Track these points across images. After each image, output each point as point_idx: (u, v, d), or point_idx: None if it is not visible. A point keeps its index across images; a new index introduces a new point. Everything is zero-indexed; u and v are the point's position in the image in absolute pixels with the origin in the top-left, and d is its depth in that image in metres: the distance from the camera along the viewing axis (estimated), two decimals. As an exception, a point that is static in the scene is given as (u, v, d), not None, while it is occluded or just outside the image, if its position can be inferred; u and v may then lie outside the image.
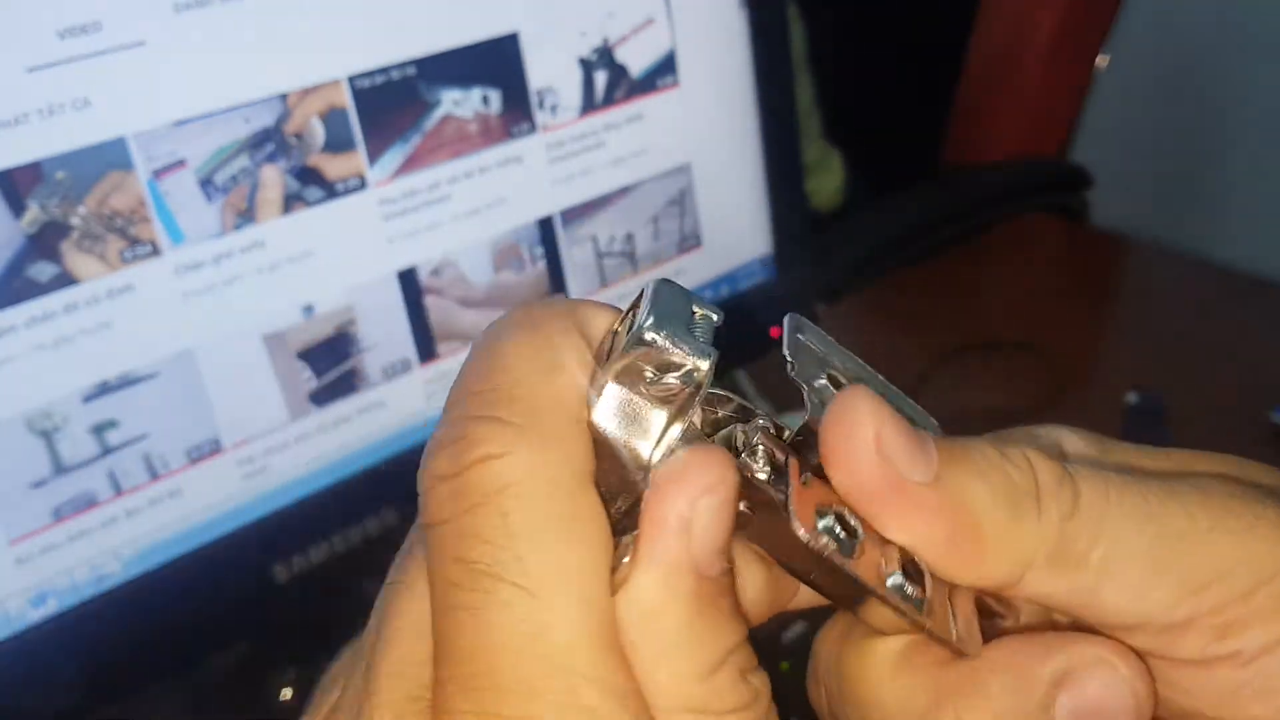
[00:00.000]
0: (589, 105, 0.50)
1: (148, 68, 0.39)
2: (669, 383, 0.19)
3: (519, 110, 0.48)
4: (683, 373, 0.19)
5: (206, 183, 0.41)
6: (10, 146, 0.37)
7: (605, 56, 0.50)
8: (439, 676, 0.19)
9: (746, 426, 0.20)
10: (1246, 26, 0.95)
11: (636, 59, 0.51)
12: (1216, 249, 0.91)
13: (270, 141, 0.42)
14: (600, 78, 0.50)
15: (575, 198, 0.51)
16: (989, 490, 0.20)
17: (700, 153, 0.55)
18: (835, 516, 0.19)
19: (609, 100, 0.51)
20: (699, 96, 0.54)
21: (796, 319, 0.21)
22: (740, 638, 0.19)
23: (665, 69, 0.53)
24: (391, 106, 0.45)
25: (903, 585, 0.20)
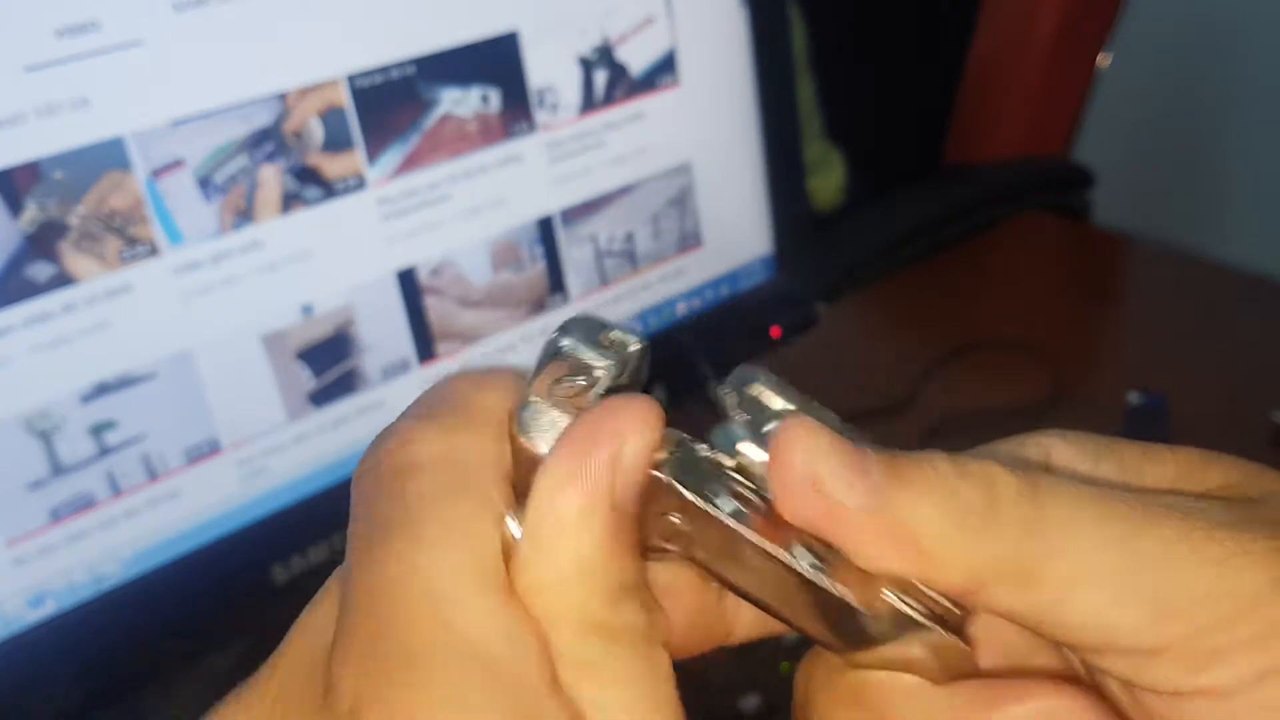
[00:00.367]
0: (589, 104, 0.50)
1: (146, 67, 0.39)
2: (578, 385, 0.20)
3: (519, 109, 0.48)
4: (590, 377, 0.20)
5: (205, 182, 0.41)
6: (8, 146, 0.37)
7: (605, 55, 0.50)
8: (335, 637, 0.19)
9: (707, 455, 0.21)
10: (1247, 26, 0.95)
11: (636, 58, 0.51)
12: (1218, 248, 0.91)
13: (269, 141, 0.42)
14: (600, 77, 0.50)
15: (575, 197, 0.51)
16: (933, 508, 0.20)
17: (701, 152, 0.55)
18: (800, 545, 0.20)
19: (609, 99, 0.51)
20: (699, 95, 0.54)
21: (744, 372, 0.21)
22: (643, 579, 0.20)
23: (665, 68, 0.52)
24: (391, 106, 0.44)
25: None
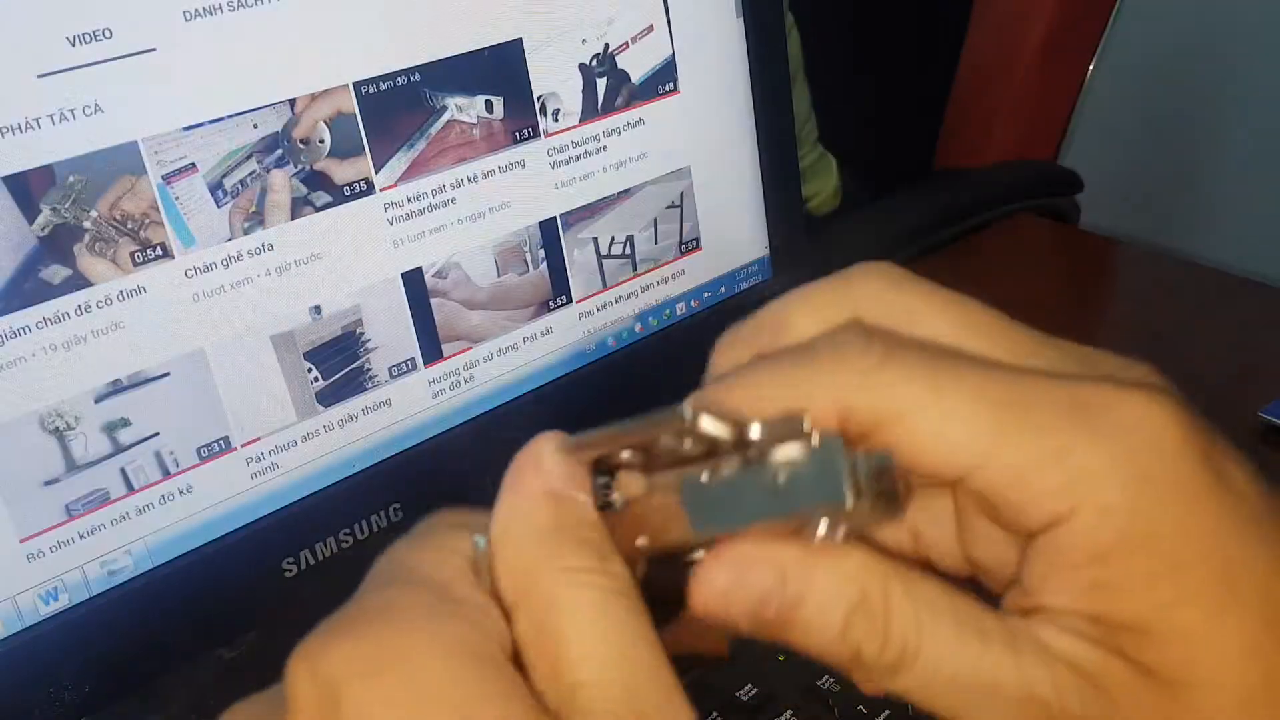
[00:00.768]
0: (591, 111, 0.51)
1: (158, 74, 0.40)
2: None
3: (522, 116, 0.49)
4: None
5: (216, 187, 0.42)
6: (23, 151, 0.37)
7: (606, 63, 0.51)
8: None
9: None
10: (1236, 30, 0.96)
11: (637, 65, 0.52)
12: (1206, 250, 0.92)
13: (279, 146, 0.43)
14: (601, 84, 0.51)
15: (577, 201, 0.52)
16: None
17: (699, 157, 0.56)
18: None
19: (610, 106, 0.52)
20: (698, 102, 0.55)
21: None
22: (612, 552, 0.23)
23: (665, 75, 0.53)
24: (397, 112, 0.45)
25: None
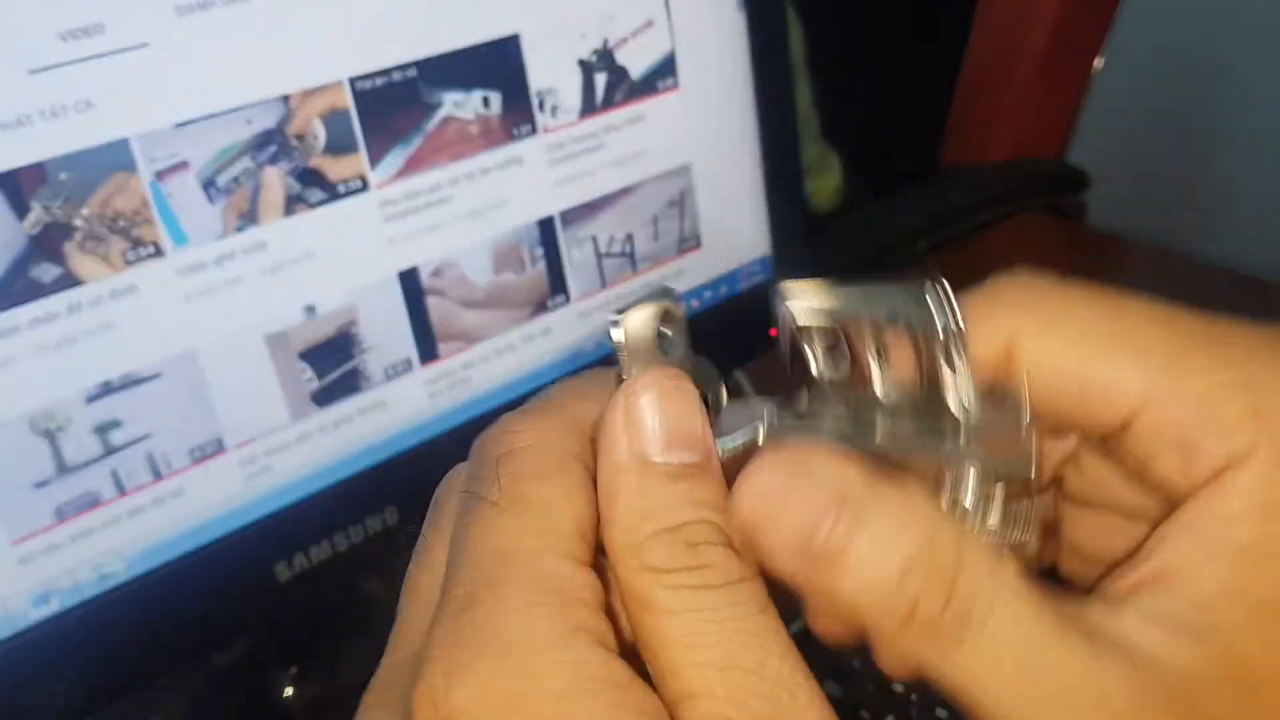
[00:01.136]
0: (589, 107, 0.51)
1: (150, 70, 0.39)
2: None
3: (520, 112, 0.48)
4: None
5: (209, 184, 0.41)
6: (13, 148, 0.37)
7: (605, 58, 0.51)
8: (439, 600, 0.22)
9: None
10: (1243, 29, 0.96)
11: (636, 61, 0.52)
12: (1212, 249, 0.91)
13: (272, 143, 0.42)
14: (600, 80, 0.51)
15: (575, 199, 0.51)
16: None
17: (700, 154, 0.55)
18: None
19: (609, 102, 0.51)
20: (698, 98, 0.54)
21: (785, 291, 0.25)
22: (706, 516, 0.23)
23: (665, 71, 0.53)
24: (393, 108, 0.45)
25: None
